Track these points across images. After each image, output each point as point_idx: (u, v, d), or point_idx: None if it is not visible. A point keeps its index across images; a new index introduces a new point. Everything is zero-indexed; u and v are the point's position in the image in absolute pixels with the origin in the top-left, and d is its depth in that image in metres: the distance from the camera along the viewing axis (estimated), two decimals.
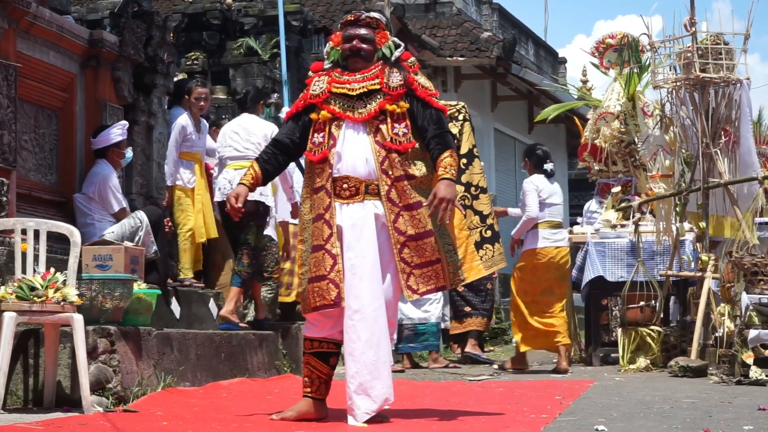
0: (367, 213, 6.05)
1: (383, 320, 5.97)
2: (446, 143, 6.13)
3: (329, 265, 6.01)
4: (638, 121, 12.12)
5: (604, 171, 12.59)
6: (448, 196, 5.97)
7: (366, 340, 5.90)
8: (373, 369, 5.88)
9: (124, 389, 6.86)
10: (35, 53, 8.74)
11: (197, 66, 16.58)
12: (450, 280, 6.19)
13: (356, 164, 6.09)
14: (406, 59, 6.28)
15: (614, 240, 11.39)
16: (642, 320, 10.63)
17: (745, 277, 9.17)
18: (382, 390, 5.89)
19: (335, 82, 6.21)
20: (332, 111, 6.16)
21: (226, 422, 6.03)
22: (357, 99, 6.16)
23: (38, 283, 6.41)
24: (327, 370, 6.10)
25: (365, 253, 5.98)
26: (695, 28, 10.66)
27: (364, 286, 5.94)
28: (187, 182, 10.36)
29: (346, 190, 6.08)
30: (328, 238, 6.04)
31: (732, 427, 5.72)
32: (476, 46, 21.20)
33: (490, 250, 6.40)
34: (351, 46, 6.23)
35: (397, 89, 6.13)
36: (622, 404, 7.08)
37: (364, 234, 6.01)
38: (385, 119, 6.11)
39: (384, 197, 6.05)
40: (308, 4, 20.01)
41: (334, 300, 5.98)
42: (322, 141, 6.14)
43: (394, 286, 6.08)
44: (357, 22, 6.27)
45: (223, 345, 8.52)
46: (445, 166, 6.05)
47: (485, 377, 10.04)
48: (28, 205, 8.49)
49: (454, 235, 6.27)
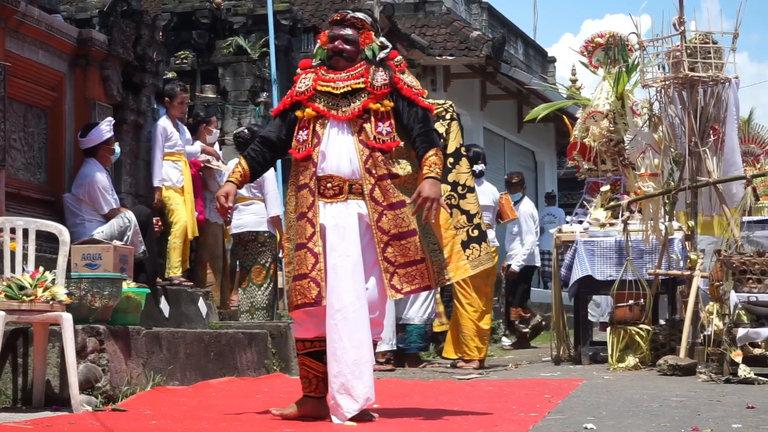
0: (350, 213, 6.04)
1: (365, 320, 5.96)
2: (431, 142, 6.13)
3: (311, 264, 6.01)
4: (627, 120, 12.13)
5: (593, 170, 12.60)
6: (433, 195, 5.97)
7: (347, 340, 5.89)
8: (355, 369, 5.87)
9: (113, 388, 6.86)
10: (24, 52, 8.73)
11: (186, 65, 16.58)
12: (435, 279, 6.19)
13: (340, 163, 6.09)
14: (392, 58, 6.27)
15: (603, 239, 11.40)
16: (631, 319, 10.64)
17: (734, 276, 9.19)
18: (363, 390, 5.89)
19: (321, 80, 6.22)
20: (317, 109, 6.16)
21: (215, 421, 6.02)
22: (341, 98, 6.16)
23: (27, 282, 6.40)
24: (323, 368, 6.10)
25: (348, 253, 5.98)
26: (684, 27, 10.66)
27: (345, 286, 5.94)
28: (176, 182, 10.46)
29: (330, 189, 6.08)
30: (310, 237, 6.04)
31: (721, 426, 5.73)
32: (465, 45, 21.22)
33: (477, 249, 6.36)
34: (333, 47, 6.24)
35: (381, 88, 6.13)
36: (611, 403, 7.08)
37: (348, 234, 6.01)
38: (369, 118, 6.11)
39: (367, 196, 6.05)
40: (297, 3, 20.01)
41: (315, 298, 5.98)
42: (306, 139, 6.14)
43: (380, 285, 6.08)
44: (342, 22, 6.28)
45: (212, 344, 8.52)
46: (430, 164, 6.05)
47: (474, 376, 10.05)
48: (17, 203, 8.48)
49: (440, 234, 6.26)
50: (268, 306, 10.74)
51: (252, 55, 16.50)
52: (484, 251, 6.34)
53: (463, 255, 6.30)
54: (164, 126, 10.50)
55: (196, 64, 16.73)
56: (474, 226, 6.34)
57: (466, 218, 6.35)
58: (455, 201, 6.38)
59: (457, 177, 6.41)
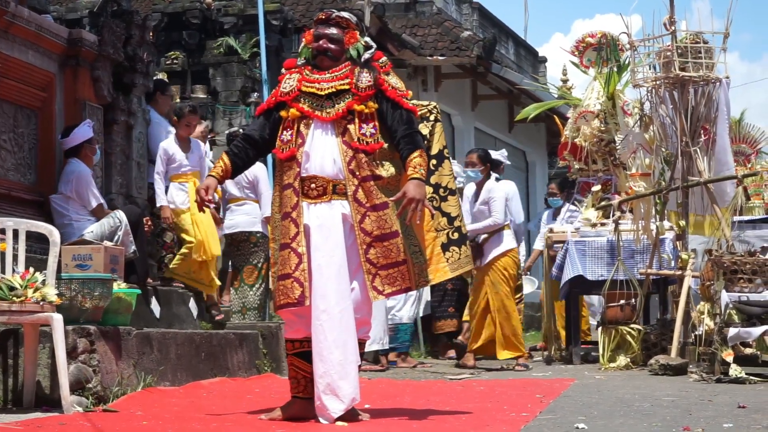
0: (334, 213, 6.04)
1: (350, 320, 5.95)
2: (415, 143, 6.13)
3: (294, 264, 6.02)
4: (618, 119, 12.14)
5: (584, 170, 12.61)
6: (418, 196, 5.97)
7: (333, 340, 5.89)
8: (340, 369, 5.87)
9: (104, 389, 6.84)
10: (14, 52, 8.71)
11: (177, 65, 16.56)
12: (415, 281, 6.18)
13: (324, 164, 6.09)
14: (377, 59, 6.26)
15: (594, 239, 11.41)
16: (622, 319, 10.65)
17: (725, 276, 9.20)
18: (349, 390, 5.88)
19: (305, 81, 6.21)
20: (301, 109, 6.16)
21: (206, 422, 6.01)
22: (326, 98, 6.16)
23: (17, 283, 6.38)
24: (311, 368, 6.09)
25: (332, 253, 5.98)
26: (675, 27, 10.68)
27: (330, 287, 5.93)
28: (180, 204, 10.26)
29: (314, 189, 6.08)
30: (294, 237, 6.05)
31: (712, 425, 5.74)
32: (456, 45, 21.19)
33: (457, 252, 6.35)
34: (318, 46, 6.23)
35: (365, 90, 6.13)
36: (602, 402, 7.08)
37: (332, 234, 6.01)
38: (353, 119, 6.11)
39: (351, 197, 6.05)
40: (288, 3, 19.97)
41: (298, 298, 5.98)
42: (290, 139, 6.14)
43: (364, 285, 6.07)
44: (327, 21, 6.27)
45: (203, 344, 8.51)
46: (415, 165, 6.05)
47: (465, 376, 10.05)
48: (7, 204, 8.46)
49: (422, 236, 6.25)
50: (260, 306, 10.72)
51: (243, 55, 16.48)
52: (464, 254, 6.33)
53: (442, 257, 6.29)
54: (165, 148, 10.26)
55: (187, 64, 16.69)
56: (454, 228, 6.33)
57: (446, 221, 6.34)
58: (437, 203, 6.37)
59: (440, 179, 6.40)
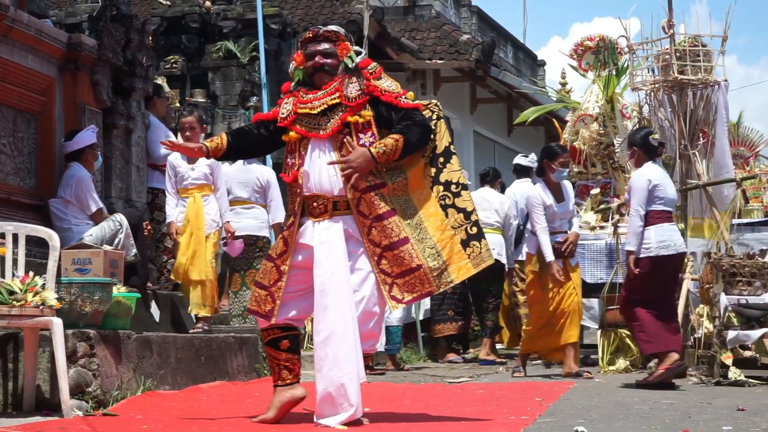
0: (335, 229, 6.05)
1: (351, 337, 5.92)
2: (403, 131, 6.09)
3: (273, 279, 6.13)
4: (617, 123, 12.16)
5: (583, 173, 12.63)
6: (355, 164, 5.99)
7: (333, 357, 5.89)
8: (340, 386, 5.86)
9: (104, 393, 6.84)
10: (13, 57, 8.71)
11: (176, 69, 16.57)
12: (435, 284, 6.16)
13: (322, 181, 6.10)
14: (365, 66, 6.25)
15: (593, 242, 11.41)
16: (622, 322, 10.65)
17: (724, 278, 9.21)
18: (349, 408, 5.86)
19: (300, 102, 6.23)
20: (299, 131, 6.19)
21: (205, 425, 6.02)
22: (320, 116, 6.16)
23: (17, 287, 6.38)
24: (282, 355, 6.17)
25: (333, 269, 5.98)
26: (673, 30, 10.69)
27: (331, 303, 5.94)
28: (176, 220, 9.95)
29: (317, 207, 6.12)
30: (280, 254, 6.16)
31: (711, 428, 5.74)
32: (455, 48, 21.21)
33: (478, 246, 6.22)
34: (314, 63, 6.23)
35: (356, 99, 6.13)
36: (601, 405, 7.09)
37: (333, 250, 6.02)
38: (350, 131, 6.11)
39: (354, 210, 6.07)
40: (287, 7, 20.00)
41: (267, 313, 6.14)
42: (293, 162, 6.19)
43: (377, 297, 6.07)
44: (316, 38, 6.26)
45: (203, 348, 8.50)
46: (382, 142, 6.05)
47: (465, 379, 10.05)
48: (7, 209, 8.46)
49: (437, 238, 6.20)
50: None
51: (242, 59, 16.49)
52: (484, 248, 6.24)
53: (464, 254, 6.21)
54: (170, 161, 9.99)
55: (186, 68, 16.71)
56: (472, 223, 6.25)
57: (463, 216, 6.25)
58: (450, 200, 6.28)
59: (450, 176, 6.31)
